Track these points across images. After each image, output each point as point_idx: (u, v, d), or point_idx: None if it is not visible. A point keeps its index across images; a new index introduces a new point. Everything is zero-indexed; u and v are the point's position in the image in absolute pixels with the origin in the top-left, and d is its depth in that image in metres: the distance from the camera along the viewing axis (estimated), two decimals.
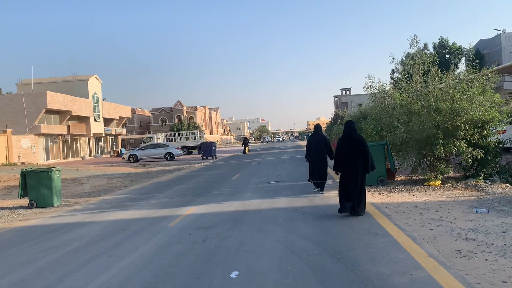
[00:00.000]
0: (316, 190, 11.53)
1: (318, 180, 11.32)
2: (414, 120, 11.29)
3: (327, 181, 12.24)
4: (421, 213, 7.87)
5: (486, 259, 4.96)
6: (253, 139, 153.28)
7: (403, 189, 10.87)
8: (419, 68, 12.02)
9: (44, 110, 37.89)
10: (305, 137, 19.15)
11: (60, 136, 42.22)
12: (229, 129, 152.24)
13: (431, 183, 11.19)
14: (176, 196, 12.75)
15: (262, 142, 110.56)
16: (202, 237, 7.12)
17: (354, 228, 7.04)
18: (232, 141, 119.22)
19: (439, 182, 11.22)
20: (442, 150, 10.63)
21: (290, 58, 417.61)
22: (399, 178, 12.98)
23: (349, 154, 8.05)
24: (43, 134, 38.67)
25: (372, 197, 10.09)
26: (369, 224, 7.25)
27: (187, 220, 8.72)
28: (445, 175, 11.52)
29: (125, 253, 6.46)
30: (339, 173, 8.32)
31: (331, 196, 10.38)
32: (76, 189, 16.94)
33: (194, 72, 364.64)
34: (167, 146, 36.03)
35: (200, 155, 35.05)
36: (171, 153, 34.57)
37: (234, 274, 5.04)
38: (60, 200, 12.87)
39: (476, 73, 11.61)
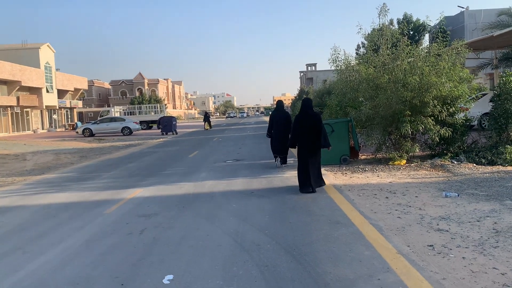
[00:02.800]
0: (277, 163, 11.50)
1: (279, 154, 11.43)
2: (380, 95, 10.58)
3: (289, 160, 11.71)
4: (387, 197, 7.19)
5: (463, 257, 4.27)
6: (218, 114, 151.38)
7: (367, 169, 10.24)
8: (387, 39, 11.24)
9: None
10: (270, 113, 18.67)
11: (9, 108, 39.41)
12: (194, 104, 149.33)
13: (396, 162, 10.60)
14: (124, 176, 11.63)
15: (227, 117, 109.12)
16: (141, 227, 6.15)
17: (314, 215, 6.26)
18: (196, 116, 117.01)
19: (404, 161, 10.65)
20: (409, 127, 10.01)
21: (257, 32, 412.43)
22: (363, 157, 12.37)
23: (304, 131, 8.04)
24: None
25: (335, 178, 9.38)
26: (330, 210, 6.49)
27: (129, 206, 7.71)
28: (410, 154, 10.96)
29: (45, 248, 5.42)
30: (295, 149, 8.52)
31: (290, 177, 9.59)
32: (17, 166, 15.45)
33: (157, 44, 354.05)
34: (124, 120, 34.25)
35: (160, 130, 33.60)
36: (128, 128, 32.91)
37: (167, 279, 4.14)
38: None
39: (445, 47, 10.99)
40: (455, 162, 10.10)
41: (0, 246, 5.64)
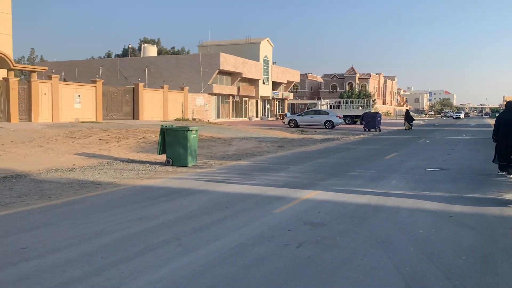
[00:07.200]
0: (500, 173, 10.55)
1: (504, 162, 10.10)
2: None
3: None
4: None
5: None
6: (432, 112, 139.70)
7: None
8: None
9: (217, 71, 39.92)
10: (496, 115, 15.17)
11: (231, 97, 44.28)
12: (406, 100, 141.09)
13: None
14: (309, 172, 11.06)
15: (442, 116, 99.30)
16: (301, 238, 5.32)
17: None
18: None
19: None
20: None
21: (486, 22, 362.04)
22: None
23: None
24: (215, 94, 41.00)
25: None
26: None
27: (300, 208, 7.00)
28: None
29: (199, 244, 5.14)
30: None
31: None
32: (221, 150, 16.72)
33: (371, 37, 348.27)
34: (328, 113, 34.21)
35: (362, 125, 32.36)
36: (331, 121, 32.72)
37: None
38: (195, 161, 12.50)
39: None
40: None
41: (165, 232, 5.64)
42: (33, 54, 69.13)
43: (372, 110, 41.83)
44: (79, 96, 24.81)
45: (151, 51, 49.61)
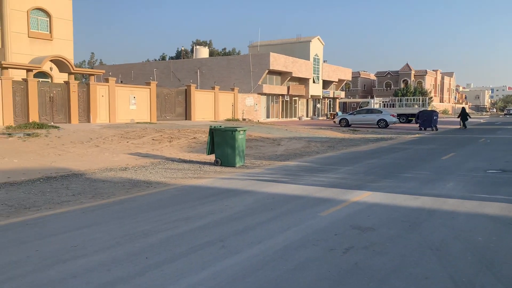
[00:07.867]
0: None
1: None
2: None
3: None
4: None
5: None
6: (494, 110, 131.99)
7: None
8: None
9: (267, 71, 39.91)
10: None
11: (280, 96, 44.13)
12: (465, 97, 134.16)
13: None
14: (359, 173, 10.70)
15: (505, 114, 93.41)
16: (348, 243, 5.11)
17: None
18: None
19: None
20: None
21: None
22: None
23: None
24: (265, 94, 41.03)
25: None
26: None
27: (347, 211, 6.75)
28: None
29: (242, 246, 5.07)
30: None
31: None
32: (269, 150, 16.64)
33: (427, 32, 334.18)
34: (381, 112, 33.12)
35: (418, 124, 31.08)
36: (384, 120, 31.69)
37: None
38: (243, 161, 12.52)
39: None
40: None
41: (209, 232, 5.63)
42: (93, 58, 72.94)
43: (429, 108, 40.18)
44: (134, 97, 25.72)
45: (203, 52, 50.54)
